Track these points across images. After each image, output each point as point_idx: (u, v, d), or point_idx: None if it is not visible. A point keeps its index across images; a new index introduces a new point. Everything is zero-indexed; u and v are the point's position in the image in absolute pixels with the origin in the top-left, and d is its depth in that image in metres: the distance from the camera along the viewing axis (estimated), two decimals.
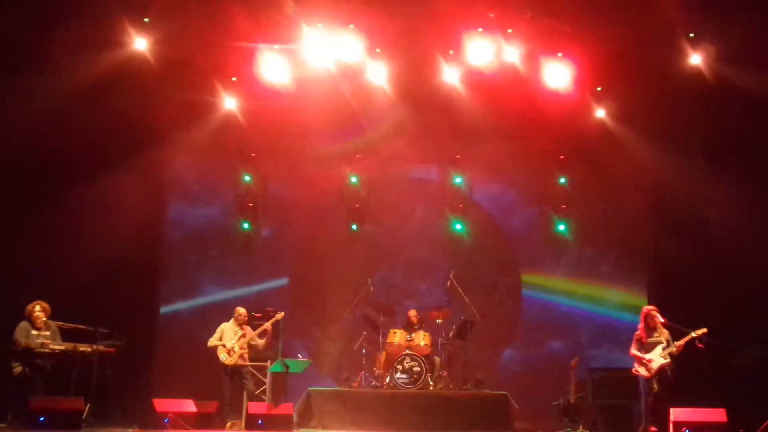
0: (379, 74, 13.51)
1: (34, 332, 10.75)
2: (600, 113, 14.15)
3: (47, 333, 10.85)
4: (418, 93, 13.95)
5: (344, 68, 13.30)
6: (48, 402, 10.20)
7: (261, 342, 11.93)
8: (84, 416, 10.38)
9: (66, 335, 11.08)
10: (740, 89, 12.69)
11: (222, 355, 11.73)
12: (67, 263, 12.57)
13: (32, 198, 12.94)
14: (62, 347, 10.74)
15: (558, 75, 13.29)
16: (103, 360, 11.03)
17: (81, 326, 11.14)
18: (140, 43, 12.67)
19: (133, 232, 13.54)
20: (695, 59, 12.86)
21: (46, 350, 10.62)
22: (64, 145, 12.82)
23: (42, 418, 9.91)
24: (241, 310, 12.10)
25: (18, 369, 10.56)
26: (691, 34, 12.59)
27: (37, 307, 10.89)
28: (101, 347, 11.01)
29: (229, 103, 14.11)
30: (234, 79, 13.87)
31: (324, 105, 13.85)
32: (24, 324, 10.80)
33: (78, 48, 12.21)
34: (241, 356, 11.77)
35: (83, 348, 10.85)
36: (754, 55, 12.31)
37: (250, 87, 13.80)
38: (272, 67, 13.34)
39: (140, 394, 12.29)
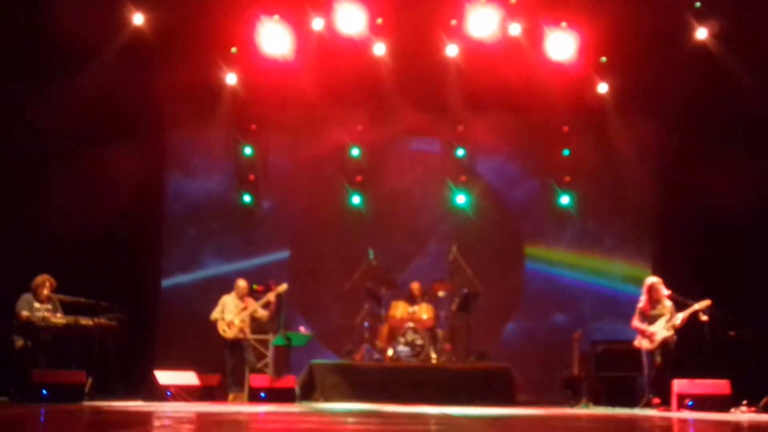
0: (380, 45, 13.41)
1: (36, 305, 10.71)
2: (604, 85, 14.05)
3: (49, 306, 10.81)
4: (420, 64, 13.85)
5: (345, 38, 13.20)
6: (50, 375, 10.17)
7: (264, 314, 11.94)
8: (86, 389, 10.37)
9: (67, 309, 11.03)
10: (744, 59, 12.61)
11: (222, 328, 11.74)
12: (67, 236, 12.49)
13: (30, 173, 12.85)
14: (64, 321, 10.70)
15: (562, 46, 13.26)
16: (105, 333, 10.95)
17: (82, 299, 11.09)
18: (138, 18, 12.69)
19: (133, 206, 13.49)
20: (700, 31, 12.82)
21: (48, 324, 10.58)
22: (62, 119, 12.71)
23: (44, 391, 9.88)
24: (242, 283, 12.11)
25: (19, 342, 10.50)
26: (697, 4, 12.50)
27: (47, 282, 10.83)
28: (103, 320, 10.94)
29: (229, 75, 14.01)
30: (234, 50, 13.78)
31: (325, 77, 13.75)
32: (27, 296, 10.74)
33: (77, 21, 12.05)
34: (240, 329, 11.78)
35: (85, 321, 10.79)
36: (757, 27, 12.18)
37: (251, 59, 13.73)
38: (273, 38, 13.28)
39: (142, 367, 12.28)
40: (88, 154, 12.77)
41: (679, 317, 10.82)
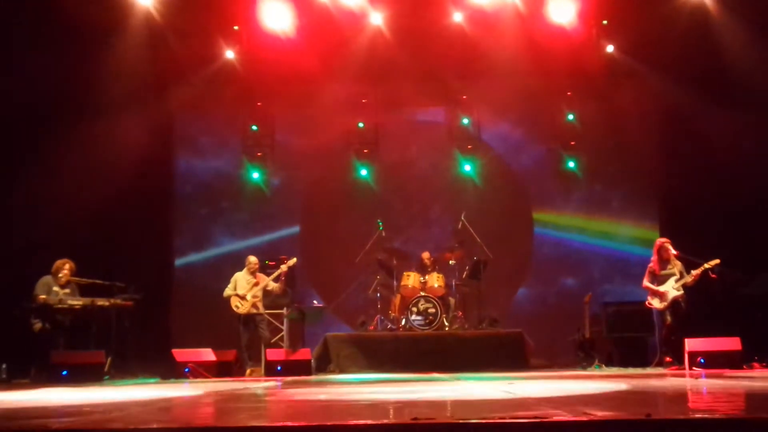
0: (381, 15, 13.42)
1: (55, 288, 10.84)
2: (606, 47, 14.02)
3: (67, 290, 10.94)
4: (421, 34, 13.82)
5: (346, 10, 13.20)
6: (70, 356, 10.34)
7: (276, 286, 12.02)
8: (105, 369, 10.53)
9: (83, 290, 11.17)
10: (747, 17, 12.53)
11: (234, 304, 11.85)
12: (81, 220, 12.61)
13: (43, 158, 12.89)
14: (81, 302, 10.83)
15: (563, 9, 13.19)
16: (122, 313, 11.12)
17: (98, 281, 11.23)
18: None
19: (144, 187, 13.61)
20: None
21: (65, 306, 10.72)
22: (72, 100, 12.76)
23: (64, 372, 10.04)
24: (252, 259, 12.19)
25: (38, 325, 10.65)
26: None
27: (67, 266, 10.97)
28: (119, 301, 11.09)
29: (233, 52, 14.04)
30: (236, 28, 13.80)
31: (328, 51, 13.77)
32: (47, 279, 10.89)
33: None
34: (253, 304, 11.88)
35: (101, 302, 10.93)
36: None
37: (253, 36, 13.75)
38: (274, 14, 13.29)
39: (159, 346, 12.45)
40: (99, 139, 12.83)
41: (690, 276, 10.88)
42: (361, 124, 14.92)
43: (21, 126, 12.60)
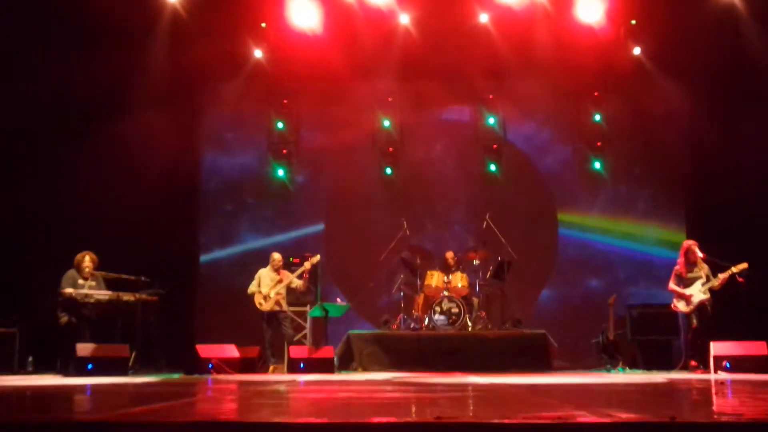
0: (408, 14, 13.41)
1: (80, 282, 10.94)
2: (634, 48, 13.92)
3: (93, 283, 11.02)
4: (448, 32, 13.81)
5: (373, 9, 13.22)
6: (95, 350, 10.41)
7: (300, 283, 12.05)
8: (130, 363, 10.61)
9: (109, 285, 11.26)
10: None
11: (258, 301, 11.90)
12: (108, 215, 12.74)
13: (72, 155, 13.01)
14: (106, 296, 10.92)
15: (591, 8, 13.12)
16: (147, 308, 11.19)
17: (124, 276, 11.32)
18: None
19: (170, 184, 13.69)
20: None
21: (91, 300, 10.81)
22: (99, 98, 12.86)
23: (90, 365, 10.13)
24: (276, 256, 12.23)
25: (64, 319, 10.73)
26: None
27: (87, 258, 11.06)
28: (144, 296, 11.18)
29: (260, 50, 14.10)
30: (263, 25, 13.86)
31: (354, 49, 13.79)
32: (71, 273, 10.98)
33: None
34: (276, 302, 11.92)
35: (127, 297, 11.01)
36: None
37: (280, 33, 13.80)
38: (301, 11, 13.33)
39: (183, 341, 12.53)
40: (126, 135, 12.93)
41: (717, 280, 10.79)
42: (386, 123, 14.92)
43: (48, 125, 12.73)
